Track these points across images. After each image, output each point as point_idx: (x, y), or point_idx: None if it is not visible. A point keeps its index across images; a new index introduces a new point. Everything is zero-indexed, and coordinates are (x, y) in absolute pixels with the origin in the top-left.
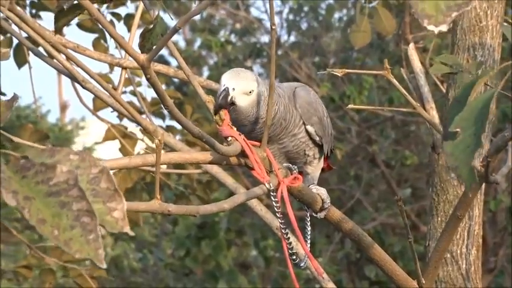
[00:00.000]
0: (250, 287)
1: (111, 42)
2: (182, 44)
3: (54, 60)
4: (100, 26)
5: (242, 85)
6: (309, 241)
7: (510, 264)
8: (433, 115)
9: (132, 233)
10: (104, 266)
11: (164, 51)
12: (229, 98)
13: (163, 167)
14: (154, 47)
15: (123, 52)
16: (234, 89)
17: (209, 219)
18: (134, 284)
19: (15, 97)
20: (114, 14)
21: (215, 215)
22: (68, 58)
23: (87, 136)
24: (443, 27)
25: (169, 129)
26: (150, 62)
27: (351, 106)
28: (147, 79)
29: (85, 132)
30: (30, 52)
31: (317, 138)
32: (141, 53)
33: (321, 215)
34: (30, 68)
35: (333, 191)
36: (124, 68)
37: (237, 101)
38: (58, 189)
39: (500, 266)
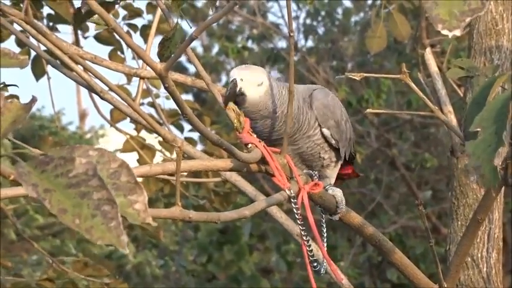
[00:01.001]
0: None
1: (128, 53)
2: (200, 50)
3: (73, 72)
4: (117, 36)
5: (250, 76)
6: (325, 245)
7: None
8: (451, 119)
9: (154, 224)
10: (127, 251)
11: (181, 58)
12: (238, 88)
13: (183, 176)
14: (172, 55)
15: (140, 63)
16: (242, 79)
17: (231, 224)
18: None
19: (33, 99)
20: (130, 25)
21: (237, 221)
22: (86, 69)
23: (107, 144)
24: (457, 32)
25: (187, 140)
26: (168, 71)
27: (369, 110)
28: (165, 88)
29: (105, 140)
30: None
31: (333, 142)
32: (160, 61)
33: (336, 217)
34: (48, 78)
35: (353, 195)
36: (142, 78)
37: (246, 91)
38: (78, 180)
39: None
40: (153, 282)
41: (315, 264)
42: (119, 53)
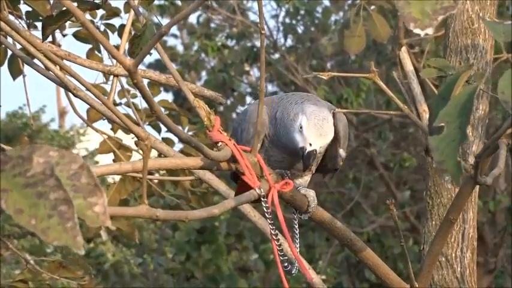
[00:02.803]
0: None
1: (105, 53)
2: (180, 48)
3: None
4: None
5: (327, 141)
6: (297, 245)
7: (510, 265)
8: (426, 118)
9: (113, 227)
10: (82, 252)
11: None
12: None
13: (157, 174)
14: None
15: (115, 61)
16: (321, 147)
17: (209, 224)
18: None
19: None
20: (108, 25)
21: (215, 220)
22: (59, 66)
23: (89, 143)
24: (429, 31)
25: (165, 141)
26: (137, 67)
27: (338, 110)
28: (134, 84)
29: (87, 139)
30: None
31: (341, 163)
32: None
33: (305, 216)
34: (24, 76)
35: (332, 194)
36: (116, 75)
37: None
38: (35, 180)
39: (500, 266)
40: (132, 281)
41: (286, 264)
42: (96, 52)
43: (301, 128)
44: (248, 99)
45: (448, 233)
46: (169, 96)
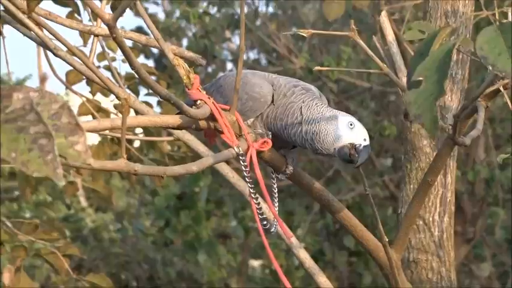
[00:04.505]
0: (230, 257)
1: (84, 16)
2: (162, 15)
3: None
4: None
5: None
6: (276, 204)
7: (488, 235)
8: (405, 82)
9: (95, 165)
10: (63, 183)
11: (144, 25)
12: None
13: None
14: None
15: (95, 23)
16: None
17: (188, 189)
18: (113, 255)
19: None
20: None
21: (194, 185)
22: (39, 25)
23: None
24: None
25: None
26: (116, 21)
27: (317, 68)
28: (113, 38)
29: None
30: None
31: None
32: None
33: (281, 177)
34: (3, 38)
35: (311, 162)
36: (96, 35)
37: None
38: (15, 116)
39: (478, 236)
40: (110, 246)
41: (265, 222)
42: (76, 15)
43: (351, 125)
44: (229, 65)
45: (425, 195)
46: (150, 63)
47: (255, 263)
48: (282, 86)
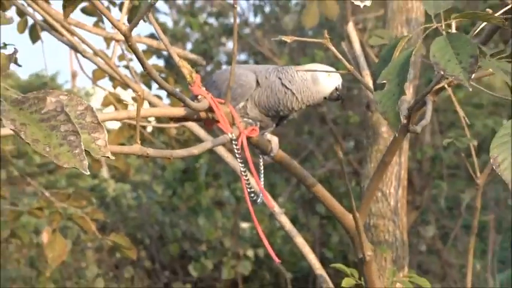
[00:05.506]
0: (224, 220)
1: (107, 25)
2: (170, 23)
3: (69, 38)
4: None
5: None
6: (262, 180)
7: (433, 203)
8: (368, 80)
9: (112, 157)
10: (87, 172)
11: (155, 32)
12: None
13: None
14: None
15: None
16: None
17: (191, 165)
18: (131, 218)
19: (15, 51)
20: (110, 1)
21: (196, 162)
22: (71, 32)
23: (94, 101)
24: (367, 3)
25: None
26: (131, 32)
27: (281, 37)
28: (129, 45)
29: (93, 98)
30: (42, 28)
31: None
32: None
33: (268, 157)
34: (42, 42)
35: (290, 144)
36: (117, 40)
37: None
38: (48, 116)
39: (425, 204)
40: (128, 211)
41: (252, 195)
42: (100, 24)
43: (329, 75)
44: (224, 66)
45: (383, 172)
46: (161, 62)
47: (245, 225)
48: (262, 72)
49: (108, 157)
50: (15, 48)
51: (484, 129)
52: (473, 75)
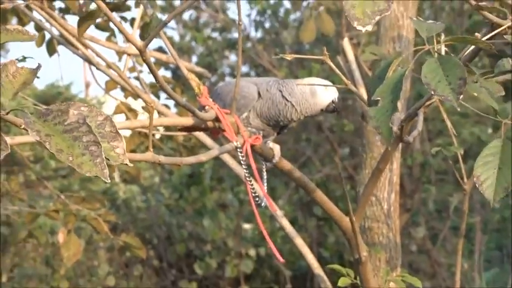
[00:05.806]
0: (228, 221)
1: (119, 38)
2: (177, 38)
3: (84, 51)
4: (111, 25)
5: None
6: (265, 185)
7: (423, 206)
8: (363, 92)
9: (131, 164)
10: (108, 180)
11: (163, 44)
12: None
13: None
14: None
15: (128, 44)
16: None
17: (196, 170)
18: (140, 220)
19: (39, 66)
20: (122, 17)
21: (201, 167)
22: (86, 46)
23: (106, 109)
24: (369, 28)
25: (164, 106)
26: (146, 47)
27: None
28: (143, 60)
29: (105, 106)
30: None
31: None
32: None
33: (269, 165)
34: (58, 55)
35: (289, 150)
36: (128, 54)
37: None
38: (71, 127)
39: (415, 207)
40: (137, 213)
41: (257, 199)
42: (112, 38)
43: (326, 88)
44: (227, 78)
45: (377, 179)
46: (168, 73)
47: (247, 226)
48: (263, 84)
49: (126, 164)
50: (39, 64)
51: (470, 136)
52: (461, 96)
